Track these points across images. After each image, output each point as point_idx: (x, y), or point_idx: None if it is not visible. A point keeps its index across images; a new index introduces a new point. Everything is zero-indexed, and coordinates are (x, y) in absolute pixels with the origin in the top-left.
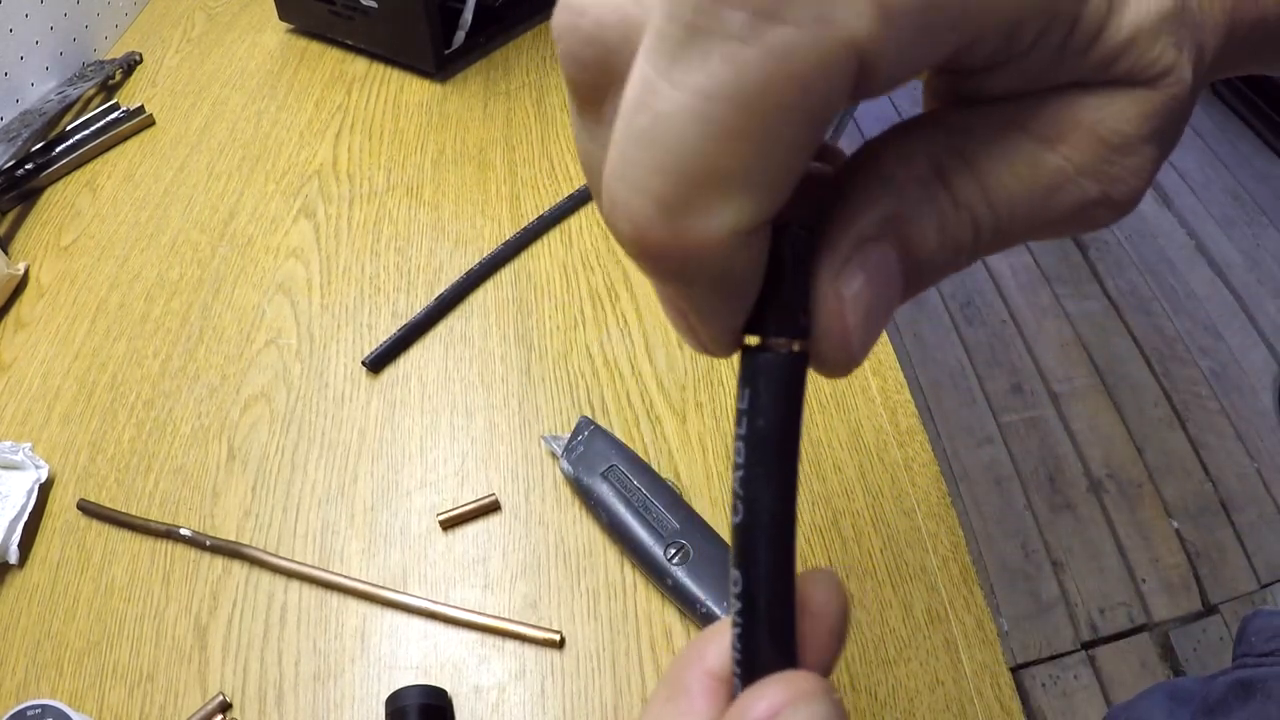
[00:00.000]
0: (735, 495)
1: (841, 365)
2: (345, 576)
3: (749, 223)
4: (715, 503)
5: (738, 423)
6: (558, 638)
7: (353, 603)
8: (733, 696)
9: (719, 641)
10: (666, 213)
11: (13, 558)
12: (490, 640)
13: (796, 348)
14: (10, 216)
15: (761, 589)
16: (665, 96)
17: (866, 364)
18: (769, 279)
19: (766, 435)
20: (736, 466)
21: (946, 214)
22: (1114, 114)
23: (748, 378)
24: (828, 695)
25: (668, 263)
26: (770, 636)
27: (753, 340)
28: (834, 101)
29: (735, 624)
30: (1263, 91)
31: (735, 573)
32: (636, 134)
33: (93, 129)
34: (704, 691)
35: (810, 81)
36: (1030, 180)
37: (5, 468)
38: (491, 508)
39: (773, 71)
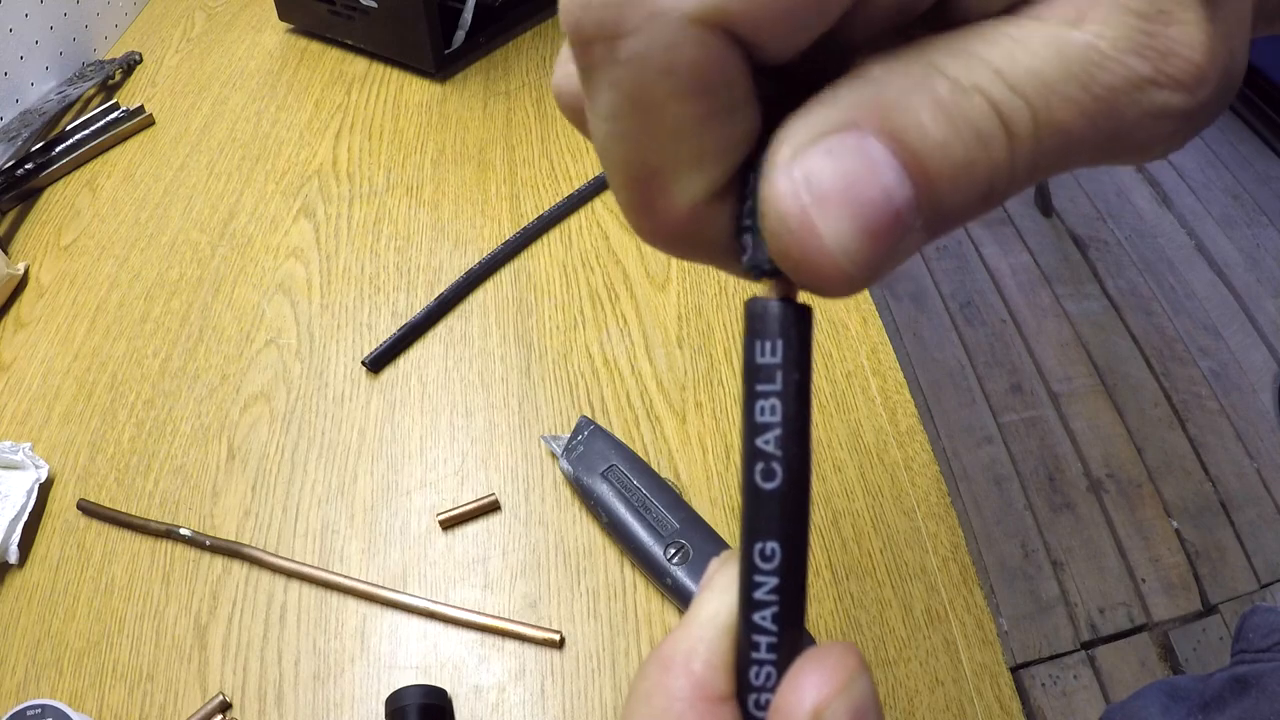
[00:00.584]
0: (767, 457)
1: (810, 270)
2: (345, 576)
3: (704, 193)
4: (715, 503)
5: (761, 380)
6: (557, 638)
7: (353, 603)
8: (738, 690)
9: (699, 648)
10: (635, 211)
11: (13, 557)
12: (490, 640)
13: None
14: (10, 216)
15: (801, 562)
16: (595, 127)
17: (866, 364)
18: None
19: (802, 387)
20: (765, 427)
21: (946, 98)
22: None
23: (781, 329)
24: (861, 660)
25: (666, 243)
26: (800, 614)
27: (776, 291)
28: (728, 75)
29: (763, 604)
30: (1263, 91)
31: (770, 545)
32: (599, 156)
33: (93, 129)
34: (703, 714)
35: (681, 71)
36: (1059, 58)
37: (5, 467)
38: (491, 508)
39: (644, 80)
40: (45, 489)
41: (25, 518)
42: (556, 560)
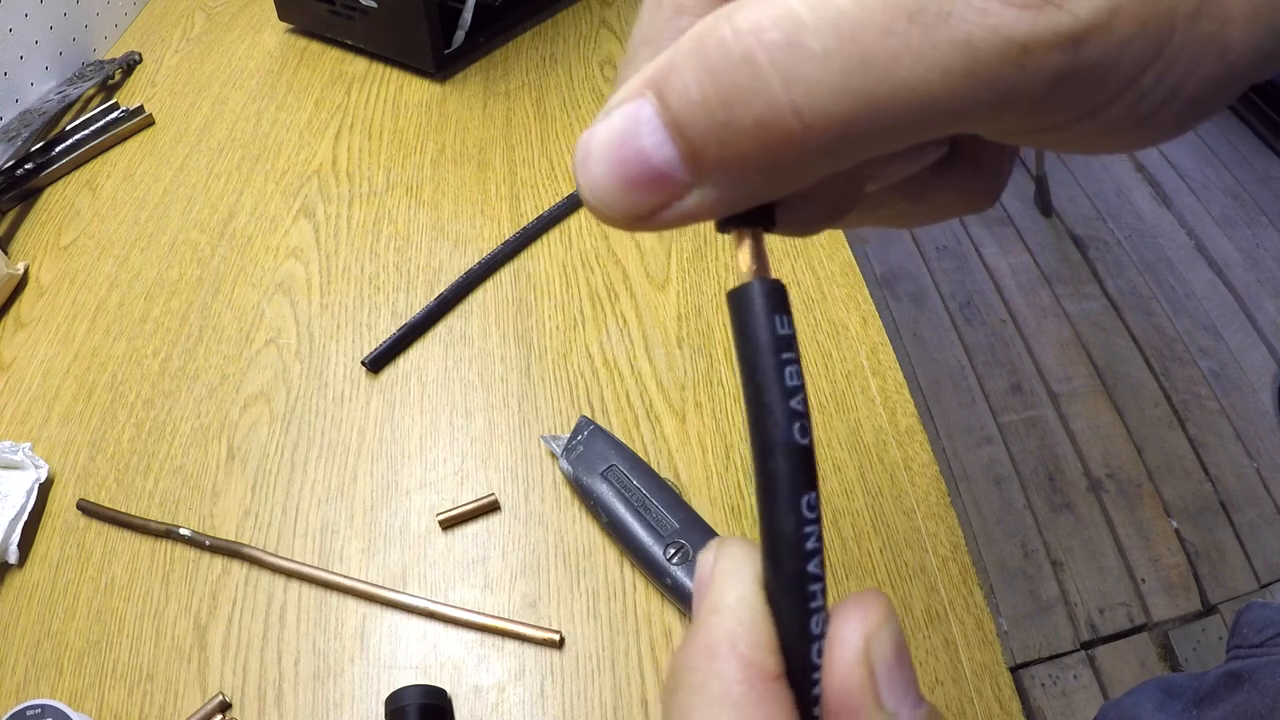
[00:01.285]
0: (801, 416)
1: (589, 208)
2: (345, 576)
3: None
4: (715, 502)
5: (786, 349)
6: (557, 637)
7: (352, 602)
8: (794, 646)
9: (741, 631)
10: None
11: (12, 557)
12: (490, 640)
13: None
14: (10, 216)
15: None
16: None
17: (866, 364)
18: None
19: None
20: (795, 389)
21: (712, 53)
22: None
23: (787, 303)
24: (891, 605)
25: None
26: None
27: (754, 273)
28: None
29: (814, 553)
30: (1263, 92)
31: (812, 495)
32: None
33: (92, 129)
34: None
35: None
36: None
37: (5, 467)
38: (491, 508)
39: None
40: (45, 489)
41: (25, 518)
42: (556, 560)
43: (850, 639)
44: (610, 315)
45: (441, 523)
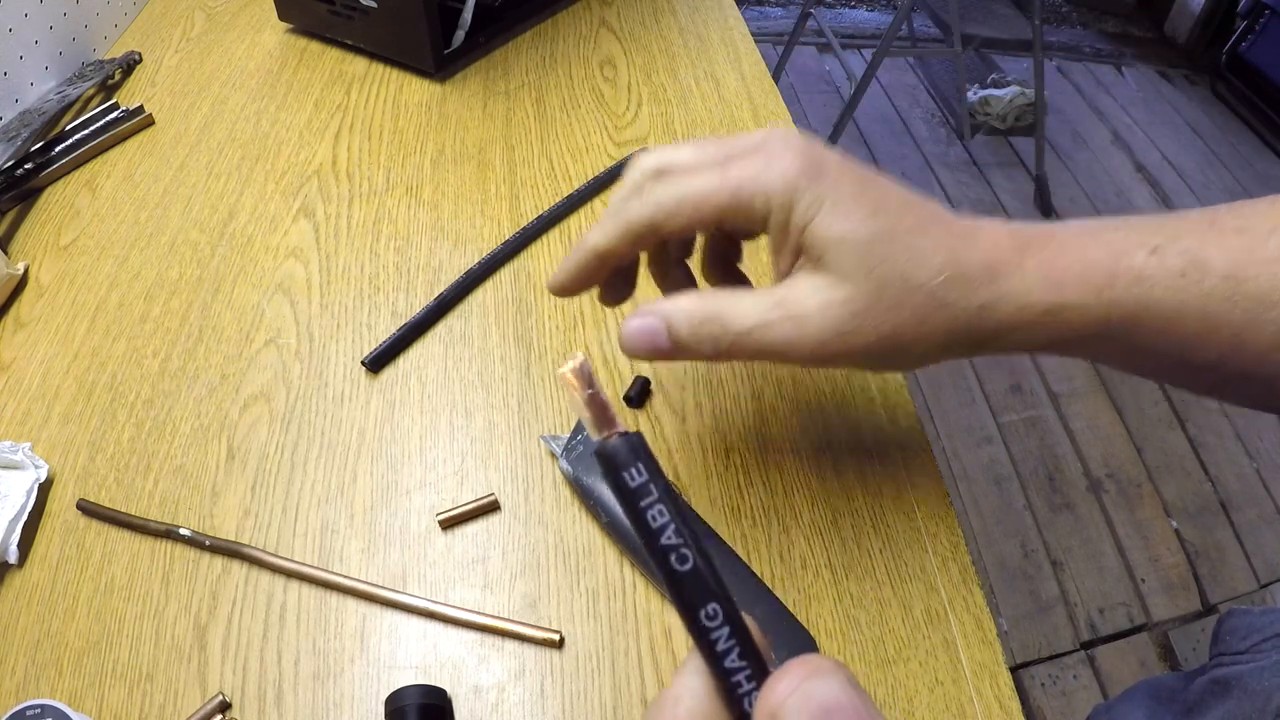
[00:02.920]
0: (674, 548)
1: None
2: (345, 576)
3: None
4: (715, 502)
5: (641, 496)
6: (557, 638)
7: (352, 603)
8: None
9: (690, 691)
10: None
11: (12, 557)
12: (490, 640)
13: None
14: (10, 216)
15: (735, 608)
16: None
17: None
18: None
19: (669, 487)
20: (661, 528)
21: (694, 313)
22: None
23: (635, 454)
24: (839, 667)
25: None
26: (754, 644)
27: (607, 434)
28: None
29: (727, 651)
30: (1263, 92)
31: (711, 606)
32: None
33: (92, 129)
34: None
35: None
36: (753, 310)
37: (5, 467)
38: (491, 508)
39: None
40: (45, 489)
41: (25, 518)
42: (556, 560)
43: (762, 707)
44: (610, 315)
45: (441, 523)
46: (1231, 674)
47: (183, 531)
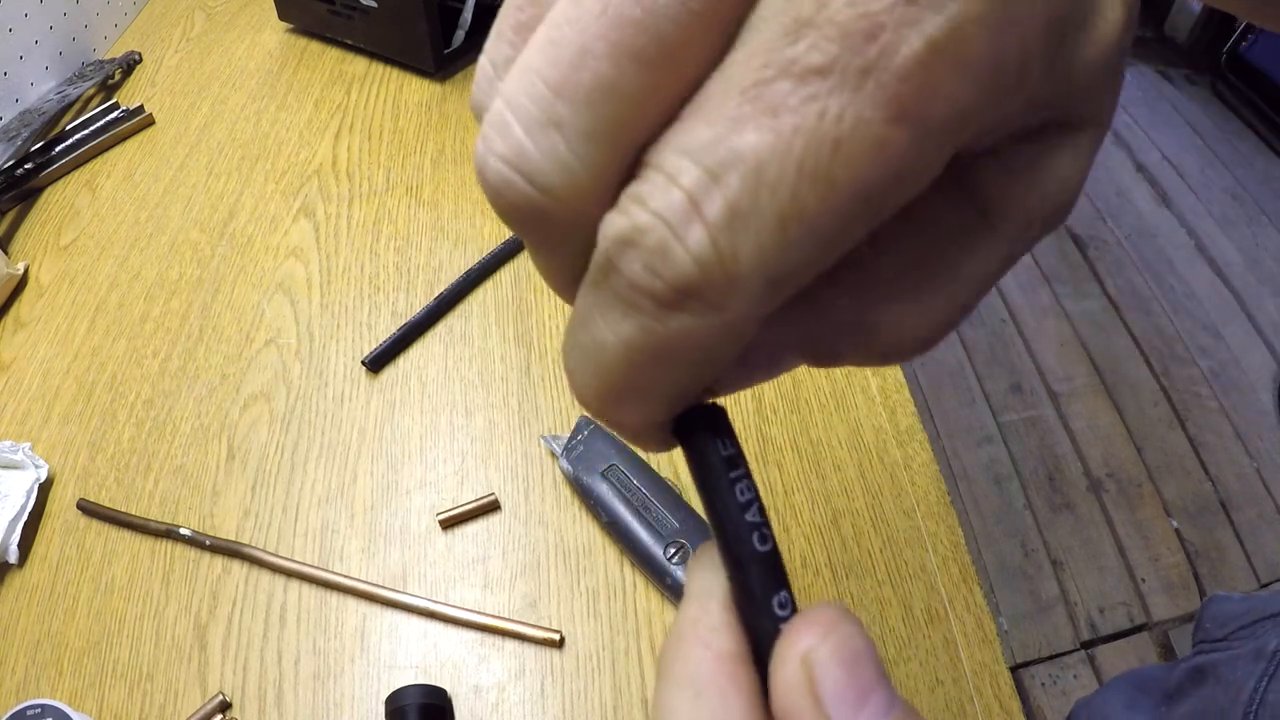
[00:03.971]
0: (758, 525)
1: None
2: (345, 576)
3: (662, 417)
4: None
5: (734, 466)
6: (557, 637)
7: (352, 602)
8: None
9: (723, 623)
10: (601, 403)
11: (12, 557)
12: (490, 640)
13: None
14: (10, 216)
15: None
16: (600, 334)
17: None
18: None
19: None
20: (749, 503)
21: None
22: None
23: (728, 426)
24: (849, 615)
25: (610, 422)
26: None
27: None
28: (728, 350)
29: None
30: (1263, 92)
31: (783, 594)
32: (579, 347)
33: (92, 129)
34: (734, 680)
35: (703, 347)
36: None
37: (5, 467)
38: (491, 507)
39: (675, 342)
40: (45, 489)
41: (25, 518)
42: (556, 560)
43: (790, 652)
44: None
45: (442, 522)
46: (1208, 662)
47: (183, 531)
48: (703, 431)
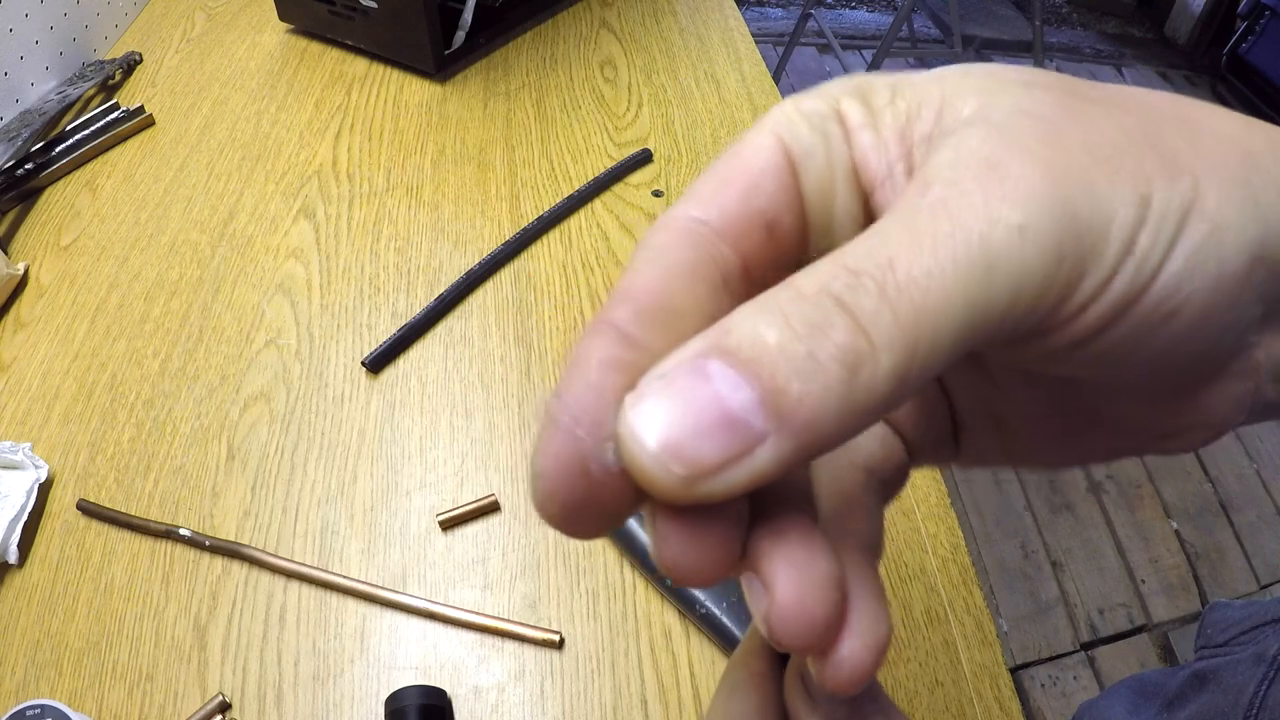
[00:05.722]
0: None
1: (641, 473)
2: (345, 577)
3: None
4: None
5: None
6: (557, 638)
7: (352, 603)
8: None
9: (756, 649)
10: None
11: (12, 557)
12: (490, 640)
13: None
14: (10, 216)
15: None
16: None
17: None
18: None
19: None
20: None
21: (784, 303)
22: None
23: None
24: None
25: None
26: None
27: None
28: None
29: None
30: (1263, 93)
31: None
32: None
33: (92, 129)
34: (758, 687)
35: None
36: (904, 223)
37: (5, 468)
38: (491, 508)
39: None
40: (45, 489)
41: (25, 518)
42: (556, 561)
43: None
44: None
45: (441, 523)
46: (1210, 667)
47: (183, 532)
48: None
